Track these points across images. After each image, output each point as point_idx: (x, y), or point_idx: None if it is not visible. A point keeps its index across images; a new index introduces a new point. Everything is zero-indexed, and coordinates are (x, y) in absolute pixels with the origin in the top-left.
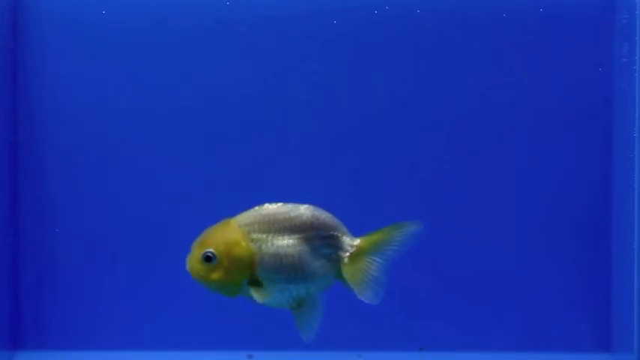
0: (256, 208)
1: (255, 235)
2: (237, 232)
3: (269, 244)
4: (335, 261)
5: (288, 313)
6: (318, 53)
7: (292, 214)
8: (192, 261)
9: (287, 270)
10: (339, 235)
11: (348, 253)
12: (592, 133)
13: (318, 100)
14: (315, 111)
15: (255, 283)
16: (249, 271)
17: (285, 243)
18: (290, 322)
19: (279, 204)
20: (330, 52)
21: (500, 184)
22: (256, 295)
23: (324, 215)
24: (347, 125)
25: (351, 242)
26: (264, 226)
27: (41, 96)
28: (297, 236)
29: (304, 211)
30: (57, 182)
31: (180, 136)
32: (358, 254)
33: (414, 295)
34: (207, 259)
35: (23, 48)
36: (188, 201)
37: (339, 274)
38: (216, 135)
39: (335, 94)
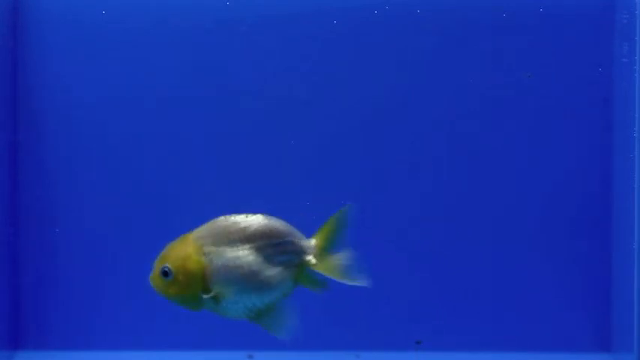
0: (212, 220)
1: (207, 249)
2: (191, 247)
3: (219, 257)
4: (294, 267)
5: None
6: (318, 53)
7: (243, 225)
8: (154, 276)
9: (238, 281)
10: (294, 240)
11: (311, 255)
12: (592, 133)
13: (318, 100)
14: (315, 111)
15: (212, 296)
16: (203, 285)
17: (235, 254)
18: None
19: (233, 215)
20: (330, 52)
21: (500, 184)
22: (213, 308)
23: (274, 223)
24: (347, 125)
25: (308, 244)
26: (216, 239)
27: (41, 96)
28: (247, 246)
29: (254, 220)
30: (57, 182)
31: (180, 136)
32: (320, 252)
33: (413, 296)
34: (164, 274)
35: (23, 48)
36: (188, 201)
37: (300, 280)
38: (216, 135)
39: (335, 94)
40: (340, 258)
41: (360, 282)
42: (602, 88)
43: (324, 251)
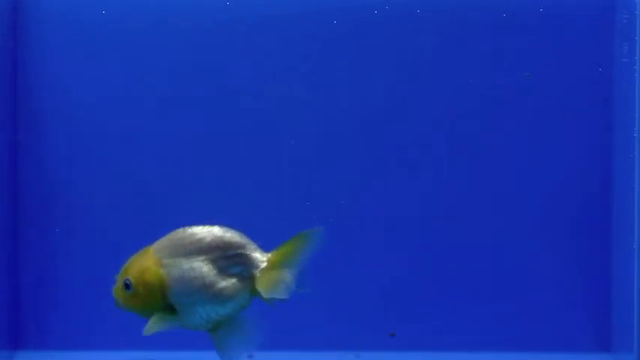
0: (172, 232)
1: (165, 261)
2: (150, 259)
3: (176, 268)
4: (247, 279)
5: (288, 313)
6: (318, 53)
7: (198, 237)
8: (116, 289)
9: (194, 292)
10: (248, 252)
11: (259, 269)
12: (592, 133)
13: (318, 100)
14: (315, 111)
15: (171, 307)
16: (161, 296)
17: (191, 266)
18: (289, 323)
19: (192, 227)
20: (330, 52)
21: (500, 185)
22: (172, 319)
23: (229, 234)
24: (347, 125)
25: (261, 258)
26: (174, 251)
27: (41, 96)
28: (202, 258)
29: (209, 232)
30: (57, 182)
31: (180, 136)
32: (271, 268)
33: (413, 296)
34: (126, 286)
35: (23, 48)
36: (189, 201)
37: (255, 292)
38: (217, 135)
39: (335, 94)
40: (285, 277)
41: (283, 298)
42: (602, 88)
43: (276, 267)
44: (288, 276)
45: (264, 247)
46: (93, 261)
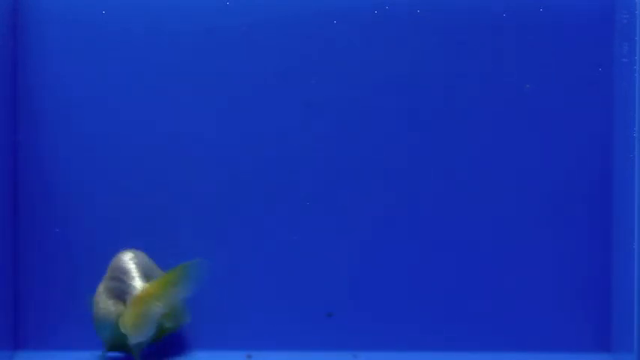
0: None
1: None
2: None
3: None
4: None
5: (288, 313)
6: (318, 53)
7: (113, 258)
8: None
9: (97, 311)
10: (128, 280)
11: (130, 297)
12: (592, 132)
13: (319, 100)
14: (315, 111)
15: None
16: None
17: (98, 285)
18: (289, 323)
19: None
20: (330, 52)
21: (500, 184)
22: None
23: (123, 259)
24: (347, 125)
25: (138, 286)
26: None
27: (41, 96)
28: (103, 278)
29: (118, 254)
30: (57, 182)
31: (180, 136)
32: (142, 298)
33: (413, 296)
34: None
35: (23, 48)
36: (188, 203)
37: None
38: (217, 135)
39: (335, 94)
40: (149, 312)
41: (135, 339)
42: (602, 88)
43: (149, 298)
44: (153, 312)
45: (264, 247)
46: (93, 261)
